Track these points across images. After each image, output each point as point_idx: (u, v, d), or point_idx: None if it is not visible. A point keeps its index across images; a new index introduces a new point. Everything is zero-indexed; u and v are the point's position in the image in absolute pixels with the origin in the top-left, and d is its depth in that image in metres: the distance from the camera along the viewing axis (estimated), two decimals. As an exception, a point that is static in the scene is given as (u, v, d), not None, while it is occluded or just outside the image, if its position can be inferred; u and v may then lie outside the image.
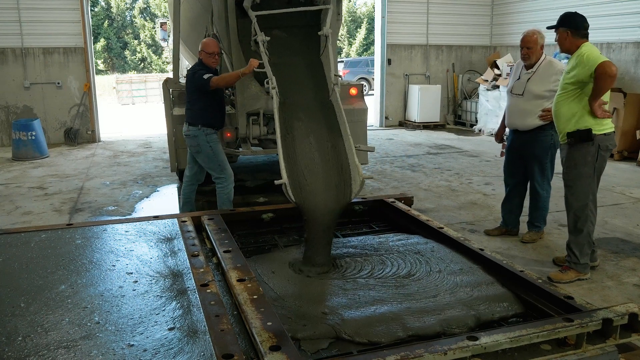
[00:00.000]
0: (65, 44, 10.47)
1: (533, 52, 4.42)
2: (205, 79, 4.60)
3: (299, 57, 4.16)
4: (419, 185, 7.04)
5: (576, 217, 3.92)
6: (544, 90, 4.40)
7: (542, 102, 4.42)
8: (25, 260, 2.55)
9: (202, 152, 4.75)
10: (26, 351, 1.77)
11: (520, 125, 4.59)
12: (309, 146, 3.25)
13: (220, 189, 4.83)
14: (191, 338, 1.85)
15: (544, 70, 4.44)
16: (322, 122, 3.46)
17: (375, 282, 2.56)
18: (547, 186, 4.70)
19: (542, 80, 4.42)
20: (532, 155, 4.62)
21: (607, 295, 3.78)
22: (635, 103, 8.67)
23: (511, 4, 12.50)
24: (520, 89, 4.53)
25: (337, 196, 3.00)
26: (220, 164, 4.80)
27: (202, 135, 4.69)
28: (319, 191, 3.00)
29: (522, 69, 4.59)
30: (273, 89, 3.48)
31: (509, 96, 4.70)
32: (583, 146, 3.81)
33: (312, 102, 3.65)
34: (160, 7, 34.62)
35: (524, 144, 4.63)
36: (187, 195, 5.07)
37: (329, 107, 3.59)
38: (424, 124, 12.45)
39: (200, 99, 4.73)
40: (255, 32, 4.20)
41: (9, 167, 8.55)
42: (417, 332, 2.11)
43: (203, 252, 2.64)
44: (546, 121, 4.41)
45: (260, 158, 8.66)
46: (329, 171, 3.13)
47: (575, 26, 3.78)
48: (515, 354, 1.86)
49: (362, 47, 35.44)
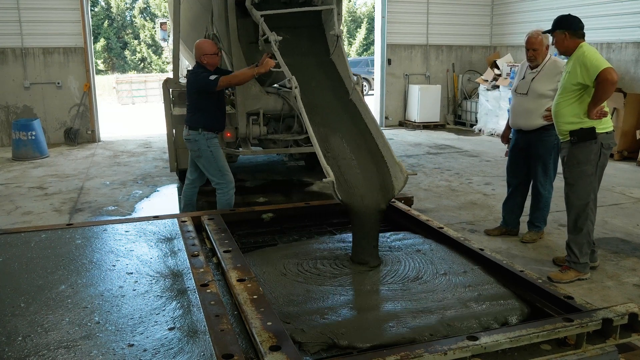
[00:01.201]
0: (65, 44, 10.47)
1: (539, 54, 4.44)
2: (211, 80, 4.44)
3: (309, 58, 4.16)
4: (419, 185, 7.05)
5: (577, 216, 3.93)
6: (548, 89, 4.41)
7: (546, 101, 4.42)
8: (25, 260, 2.55)
9: (203, 156, 4.66)
10: (26, 351, 1.77)
11: (524, 124, 4.60)
12: (342, 145, 3.23)
13: (220, 194, 4.72)
14: (191, 338, 1.85)
15: (549, 70, 4.45)
16: (348, 121, 3.45)
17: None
18: (549, 187, 4.70)
19: (547, 79, 4.43)
20: (535, 155, 4.62)
21: (607, 295, 3.78)
22: (635, 103, 8.67)
23: (511, 4, 12.50)
24: (524, 88, 4.54)
25: (382, 193, 3.00)
26: (220, 169, 4.69)
27: (203, 139, 4.59)
28: (363, 189, 2.99)
29: (527, 69, 4.60)
30: (295, 88, 3.44)
31: (514, 95, 4.71)
32: (586, 145, 3.81)
33: (334, 102, 3.63)
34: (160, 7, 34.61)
35: (528, 144, 4.63)
36: (188, 197, 5.02)
37: (352, 107, 3.59)
38: (424, 124, 12.44)
39: (202, 101, 4.61)
40: (263, 31, 4.19)
41: (9, 167, 8.54)
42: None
43: (203, 252, 2.64)
44: (550, 121, 4.39)
45: (260, 158, 8.66)
46: (369, 169, 3.12)
47: (572, 27, 3.80)
48: (515, 354, 1.86)
49: (362, 47, 35.44)
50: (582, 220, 3.91)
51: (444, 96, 12.97)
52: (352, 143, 3.26)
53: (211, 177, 4.76)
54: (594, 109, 3.72)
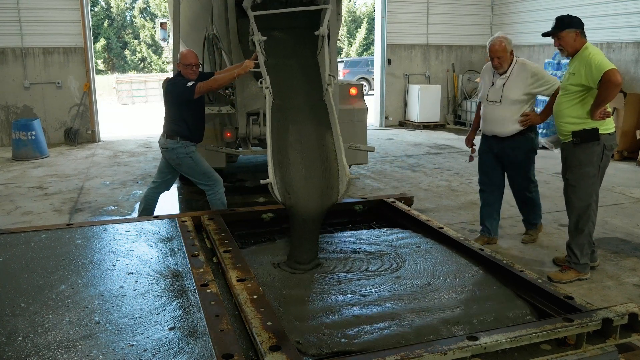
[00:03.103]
0: (65, 44, 10.47)
1: (504, 60, 4.24)
2: (188, 87, 4.33)
3: (295, 59, 4.16)
4: (419, 185, 7.05)
5: (578, 217, 3.90)
6: (521, 94, 4.26)
7: (520, 106, 4.29)
8: (25, 260, 2.55)
9: (183, 164, 4.56)
10: (26, 351, 1.77)
11: (500, 132, 4.42)
12: (298, 146, 3.25)
13: (211, 195, 4.65)
14: (191, 338, 1.86)
15: (518, 73, 4.27)
16: (313, 123, 3.45)
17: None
18: (534, 187, 4.60)
19: (518, 84, 4.27)
20: (514, 163, 4.47)
21: (607, 295, 3.78)
22: (635, 103, 8.67)
23: (511, 4, 12.50)
24: (496, 96, 4.35)
25: (322, 197, 3.01)
26: (204, 173, 4.61)
27: (181, 147, 4.48)
28: (305, 192, 3.00)
29: (495, 74, 4.40)
30: (266, 88, 3.46)
31: (485, 103, 4.49)
32: (589, 146, 3.77)
33: (304, 103, 3.64)
34: (160, 7, 34.61)
35: (504, 150, 4.47)
36: (149, 201, 4.84)
37: (322, 108, 3.59)
38: (424, 124, 12.45)
39: (181, 111, 4.49)
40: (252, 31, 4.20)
41: (9, 167, 8.54)
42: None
43: (203, 252, 2.64)
44: (526, 126, 4.31)
45: (260, 158, 8.65)
46: (315, 172, 3.13)
47: (581, 26, 3.74)
48: (515, 354, 1.86)
49: (362, 47, 35.44)
50: (584, 221, 3.89)
51: (444, 96, 12.97)
52: (308, 145, 3.27)
53: (198, 182, 4.68)
54: (597, 111, 3.67)
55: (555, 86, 4.19)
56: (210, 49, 6.13)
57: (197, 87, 4.34)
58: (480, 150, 4.70)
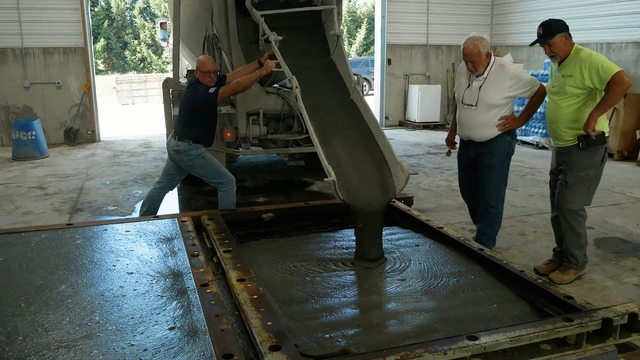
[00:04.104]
0: (65, 44, 10.46)
1: (479, 63, 3.96)
2: (210, 93, 4.33)
3: (310, 58, 4.16)
4: (419, 185, 7.05)
5: (576, 220, 3.86)
6: (499, 98, 3.99)
7: (498, 110, 4.02)
8: (25, 260, 2.55)
9: (195, 165, 4.56)
10: (26, 351, 1.77)
11: (476, 137, 4.15)
12: (343, 145, 3.24)
13: (224, 192, 4.64)
14: (191, 338, 1.86)
15: (496, 76, 3.99)
16: (348, 121, 3.45)
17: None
18: (501, 199, 4.25)
19: (496, 87, 3.99)
20: (487, 165, 4.15)
21: (607, 295, 3.78)
22: (635, 103, 8.66)
23: (511, 4, 12.50)
24: (472, 99, 4.06)
25: (382, 192, 3.01)
26: (218, 171, 4.62)
27: (193, 149, 4.50)
28: (364, 188, 3.00)
29: (471, 76, 4.10)
30: (296, 88, 3.43)
31: (460, 106, 4.22)
32: (595, 149, 3.72)
33: (334, 102, 3.64)
34: (160, 7, 34.60)
35: (480, 155, 4.18)
36: (153, 202, 4.83)
37: (352, 107, 3.59)
38: (424, 124, 12.45)
39: (197, 116, 4.50)
40: (264, 31, 4.19)
41: (9, 167, 8.54)
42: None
43: (203, 252, 2.65)
44: (504, 130, 4.07)
45: (260, 158, 8.66)
46: (369, 168, 3.14)
47: (567, 28, 3.69)
48: (515, 354, 1.86)
49: (362, 47, 35.44)
50: (581, 223, 3.88)
51: (444, 96, 12.97)
52: (352, 143, 3.27)
53: (212, 182, 4.69)
54: (601, 113, 3.59)
55: (536, 87, 4.02)
56: (210, 49, 6.13)
57: (220, 92, 4.34)
58: (458, 154, 4.48)
